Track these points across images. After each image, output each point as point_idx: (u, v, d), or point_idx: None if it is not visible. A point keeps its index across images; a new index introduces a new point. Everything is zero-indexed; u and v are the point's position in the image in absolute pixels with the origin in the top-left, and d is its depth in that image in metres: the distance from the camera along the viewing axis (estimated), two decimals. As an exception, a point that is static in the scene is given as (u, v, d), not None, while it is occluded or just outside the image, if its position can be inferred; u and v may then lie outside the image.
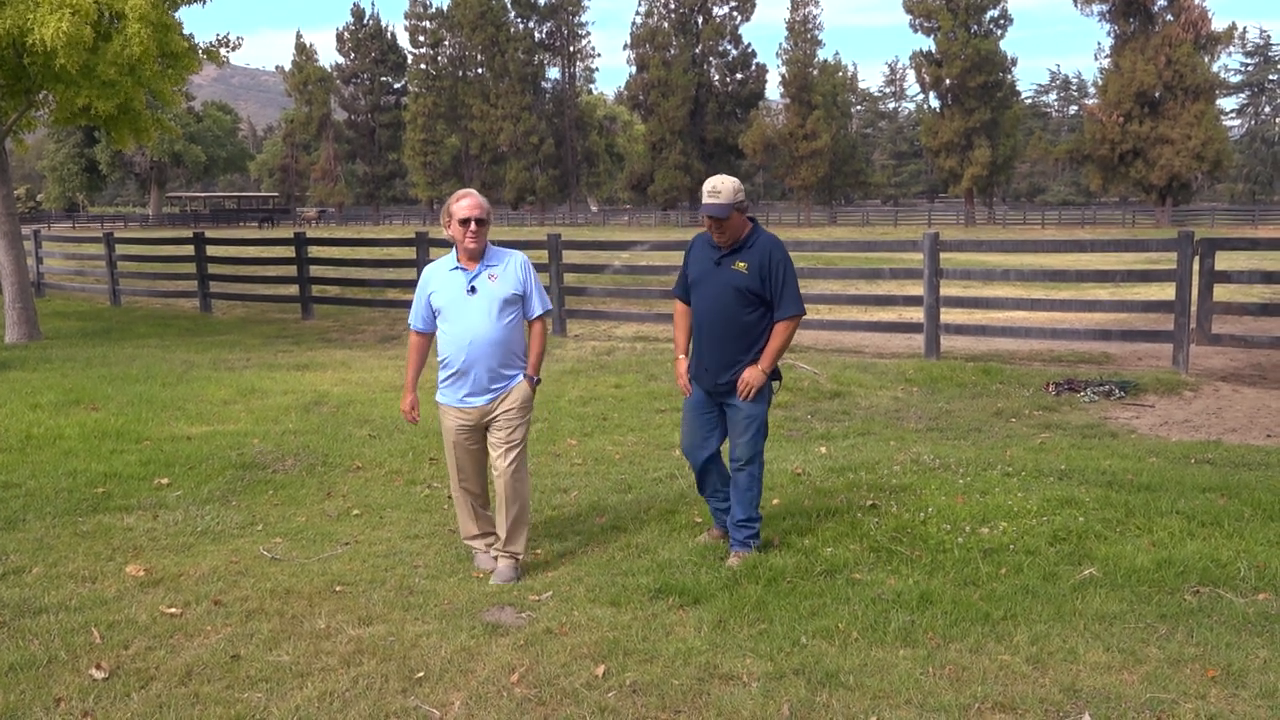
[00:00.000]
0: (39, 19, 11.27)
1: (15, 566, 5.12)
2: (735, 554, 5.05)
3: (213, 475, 6.85)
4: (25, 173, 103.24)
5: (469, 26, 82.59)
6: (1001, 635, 4.17)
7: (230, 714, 3.62)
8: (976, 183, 69.76)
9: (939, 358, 11.47)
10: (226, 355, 12.61)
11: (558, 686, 3.80)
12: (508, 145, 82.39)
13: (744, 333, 4.92)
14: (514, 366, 4.91)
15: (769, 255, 4.88)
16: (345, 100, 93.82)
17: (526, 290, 4.92)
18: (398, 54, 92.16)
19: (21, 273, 14.00)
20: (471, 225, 4.79)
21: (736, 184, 4.85)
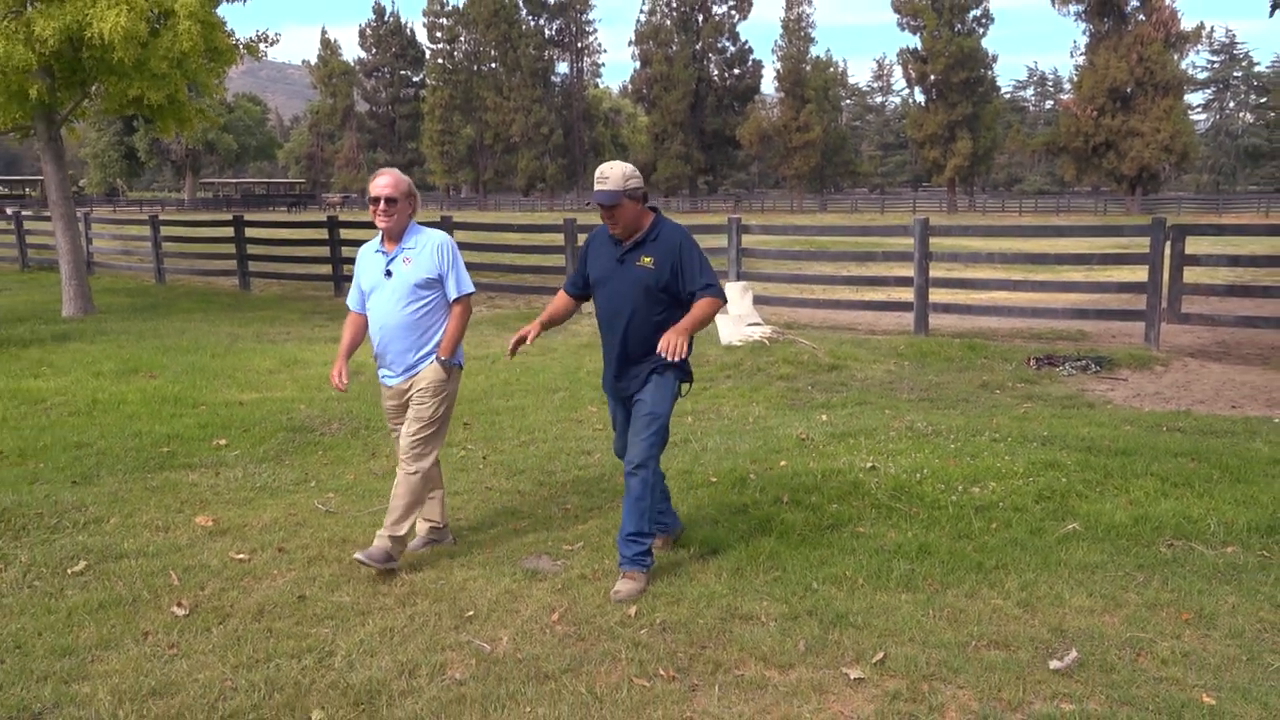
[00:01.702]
0: (98, 14, 11.31)
1: (94, 517, 5.25)
2: (627, 574, 4.23)
3: (266, 437, 6.97)
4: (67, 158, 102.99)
5: (483, 23, 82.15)
6: (994, 582, 4.30)
7: (301, 646, 3.75)
8: (958, 173, 69.64)
9: (928, 335, 11.57)
10: (267, 329, 12.72)
11: (594, 624, 3.93)
12: (519, 136, 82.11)
13: (651, 334, 4.26)
14: (430, 349, 4.55)
15: (677, 246, 4.25)
16: (367, 92, 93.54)
17: (443, 273, 4.50)
18: (416, 49, 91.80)
19: (76, 252, 14.09)
20: (381, 204, 4.40)
21: (628, 169, 4.23)
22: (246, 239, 17.84)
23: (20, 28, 11.91)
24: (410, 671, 3.55)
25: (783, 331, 11.33)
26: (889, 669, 3.52)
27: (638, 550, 4.25)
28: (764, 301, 12.80)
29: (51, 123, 13.52)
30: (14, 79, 11.88)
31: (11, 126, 13.65)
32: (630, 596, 4.12)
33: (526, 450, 6.74)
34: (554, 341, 11.46)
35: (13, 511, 5.27)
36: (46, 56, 12.13)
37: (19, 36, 11.71)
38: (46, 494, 5.60)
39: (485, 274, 15.86)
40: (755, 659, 3.62)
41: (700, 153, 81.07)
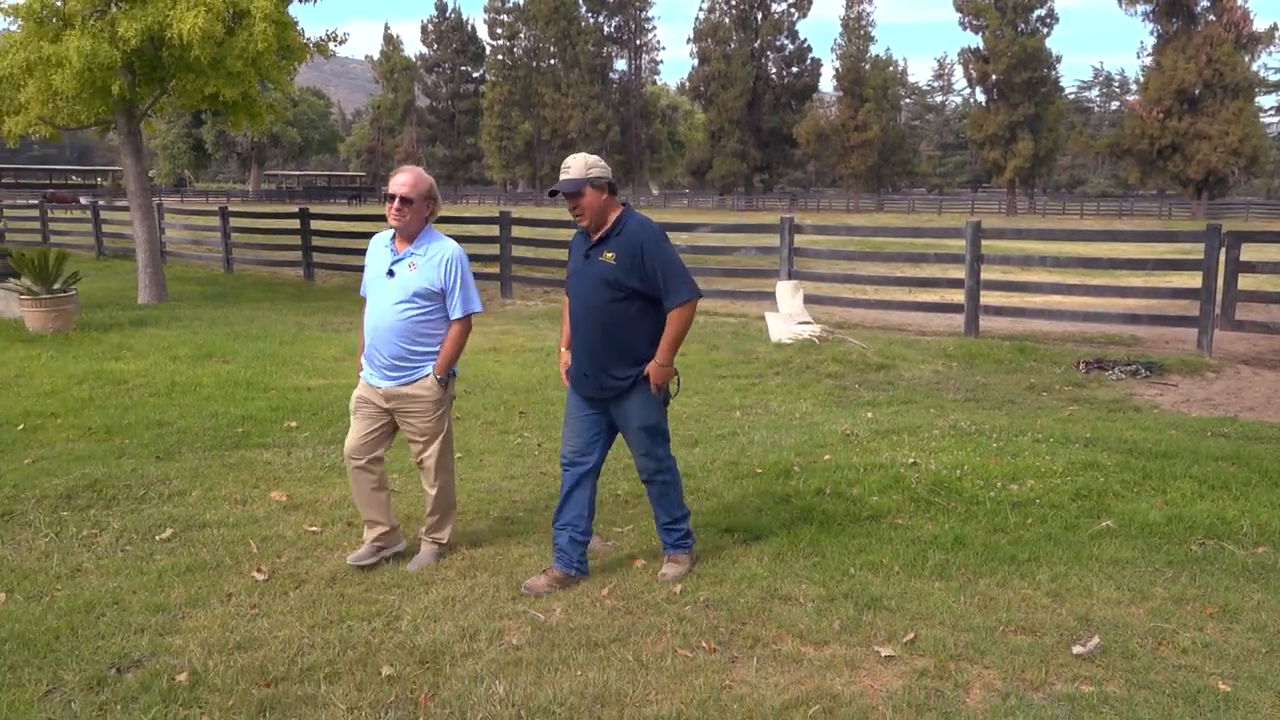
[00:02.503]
0: (178, 15, 11.82)
1: (178, 490, 5.63)
2: (671, 558, 4.44)
3: (333, 420, 7.34)
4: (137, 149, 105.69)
5: (543, 20, 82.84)
6: (1025, 573, 4.47)
7: (370, 611, 4.06)
8: (1019, 174, 68.76)
9: (977, 336, 11.65)
10: (331, 319, 13.17)
11: (642, 600, 4.19)
12: (576, 132, 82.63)
13: (617, 333, 4.18)
14: (420, 358, 4.40)
15: (639, 242, 4.11)
16: (428, 88, 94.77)
17: (447, 288, 4.35)
18: (477, 45, 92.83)
19: (153, 241, 14.69)
20: (395, 201, 4.27)
21: (591, 159, 4.14)
22: (311, 231, 18.40)
23: (105, 27, 12.48)
24: (471, 636, 3.84)
25: (832, 331, 11.49)
26: (919, 648, 3.73)
27: (678, 535, 4.45)
28: (816, 301, 12.96)
29: (131, 117, 14.11)
30: (99, 75, 12.44)
31: (94, 120, 14.27)
32: (678, 577, 4.32)
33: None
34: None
35: (103, 483, 5.67)
36: (129, 54, 12.69)
37: (104, 35, 12.27)
38: (133, 468, 6.01)
39: (541, 269, 16.20)
40: (792, 636, 3.85)
41: (757, 150, 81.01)
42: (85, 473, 5.85)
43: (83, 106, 13.40)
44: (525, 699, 3.34)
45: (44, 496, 5.45)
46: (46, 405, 7.58)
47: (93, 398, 7.89)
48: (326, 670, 3.55)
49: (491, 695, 3.37)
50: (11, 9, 12.86)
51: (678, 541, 4.45)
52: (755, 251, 14.47)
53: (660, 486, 4.42)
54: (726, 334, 11.80)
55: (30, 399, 7.79)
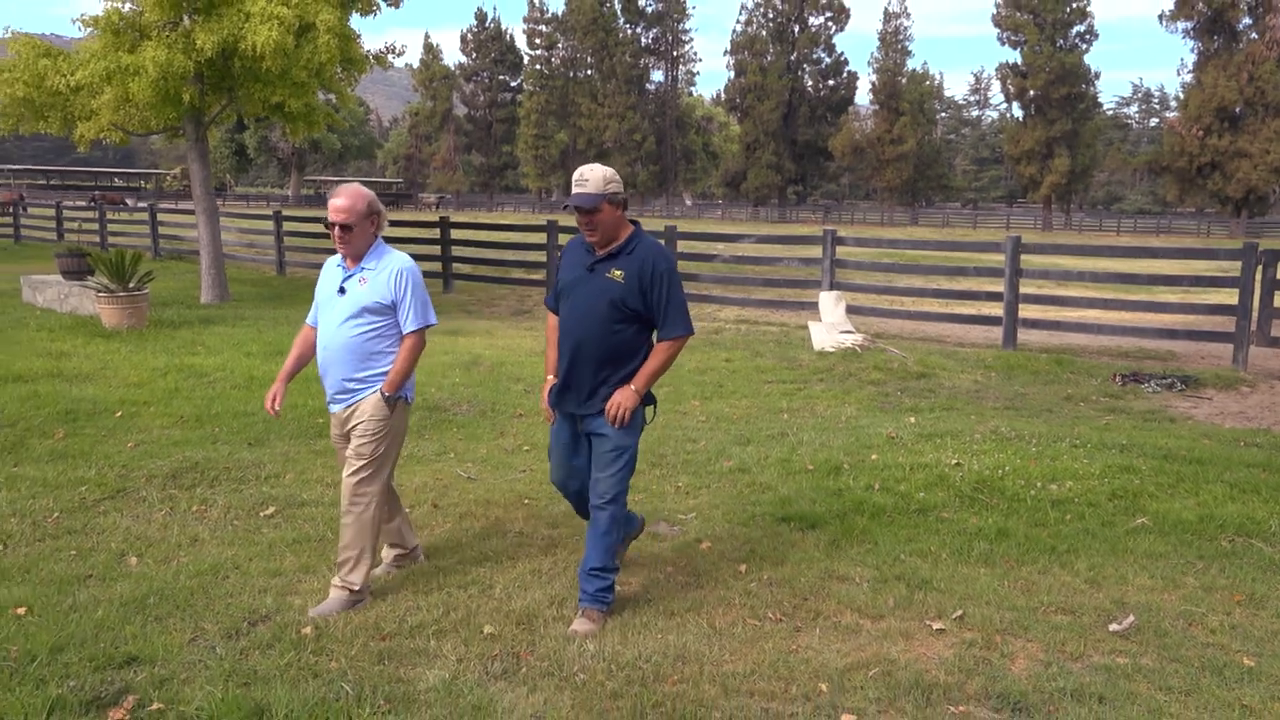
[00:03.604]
0: (251, 29, 12.40)
1: (272, 473, 6.10)
2: (585, 612, 4.05)
3: (405, 414, 7.78)
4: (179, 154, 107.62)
5: (581, 31, 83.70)
6: (1065, 563, 4.82)
7: (466, 580, 4.48)
8: (1055, 190, 68.55)
9: (1015, 349, 11.95)
10: (387, 320, 13.66)
11: (710, 576, 4.59)
12: (612, 142, 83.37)
13: (615, 353, 4.02)
14: (372, 378, 4.23)
15: (651, 265, 3.98)
16: (466, 96, 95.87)
17: (398, 299, 4.19)
18: (515, 55, 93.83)
19: (216, 243, 15.29)
20: (336, 230, 4.13)
21: (608, 173, 4.00)
22: (363, 236, 18.92)
23: (179, 38, 13.10)
24: (559, 603, 4.25)
25: (873, 340, 11.83)
26: (967, 623, 4.09)
27: (600, 586, 4.07)
28: (855, 311, 13.30)
29: (199, 124, 14.73)
30: (172, 84, 13.04)
31: (163, 127, 14.89)
32: (589, 635, 3.92)
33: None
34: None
35: (204, 465, 6.15)
36: (200, 65, 13.29)
37: (178, 46, 12.88)
38: (229, 453, 6.49)
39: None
40: (850, 610, 4.23)
41: (791, 163, 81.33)
42: (186, 456, 6.34)
43: (154, 114, 14.01)
44: (614, 655, 3.75)
45: (153, 476, 5.94)
46: (138, 395, 8.10)
47: (179, 389, 8.40)
48: (434, 628, 3.97)
49: (584, 652, 3.78)
50: (90, 20, 13.50)
51: (598, 593, 4.07)
52: (798, 263, 14.83)
53: (610, 514, 4.07)
54: (770, 342, 12.18)
55: (121, 389, 8.32)
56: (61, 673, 3.46)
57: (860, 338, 11.64)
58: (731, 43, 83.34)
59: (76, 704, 3.25)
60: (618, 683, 3.54)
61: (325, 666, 3.62)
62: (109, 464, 6.16)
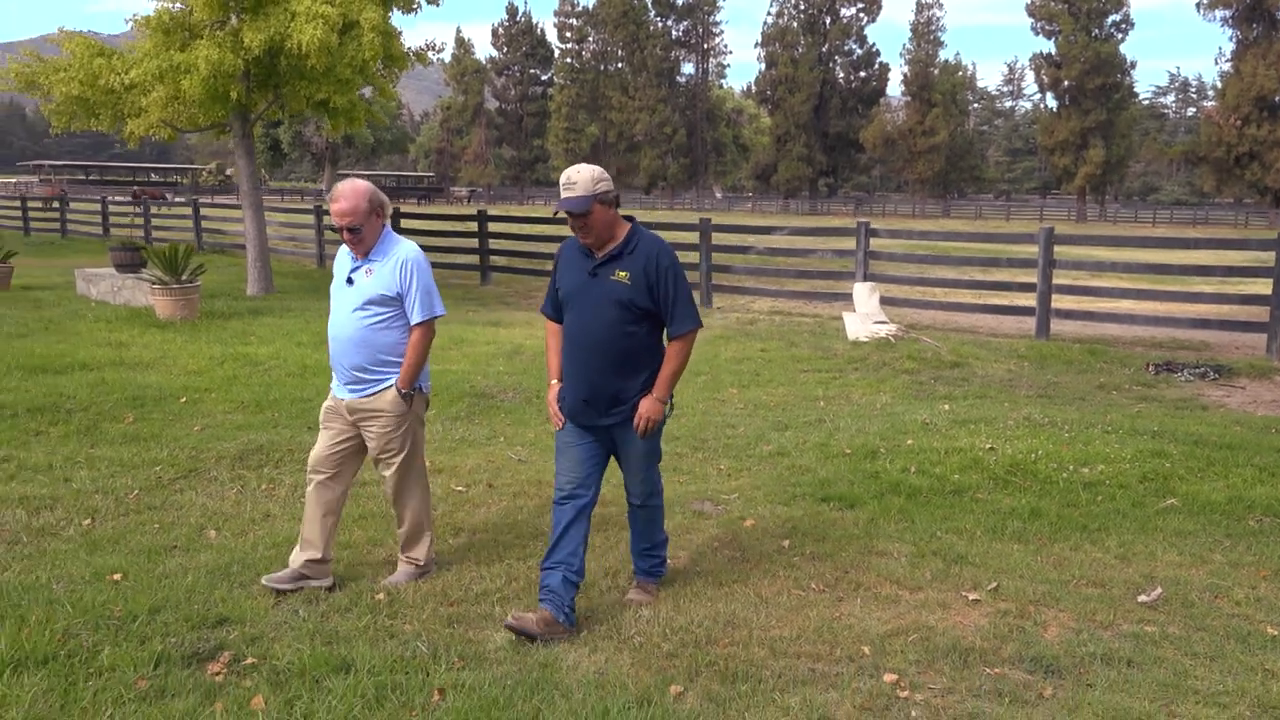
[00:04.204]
0: (297, 27, 12.74)
1: (333, 455, 6.40)
2: (641, 585, 4.29)
3: (455, 401, 8.09)
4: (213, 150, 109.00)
5: (612, 24, 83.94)
6: (1095, 540, 5.02)
7: (524, 553, 4.75)
8: (1090, 181, 67.97)
9: (1048, 339, 12.06)
10: (428, 312, 14.00)
11: (755, 551, 4.83)
12: (643, 134, 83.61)
13: (628, 358, 3.94)
14: (383, 369, 4.22)
15: (655, 261, 3.90)
16: (497, 90, 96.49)
17: (403, 292, 4.18)
18: (546, 48, 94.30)
19: (262, 237, 15.69)
20: (345, 234, 4.15)
21: (596, 173, 3.87)
22: (401, 230, 19.32)
23: (228, 37, 13.47)
24: (612, 574, 4.51)
25: (907, 330, 12.00)
26: (1001, 594, 4.31)
27: (654, 562, 4.34)
28: (889, 302, 13.45)
29: (245, 121, 15.13)
30: (221, 82, 13.41)
31: (211, 124, 15.30)
32: (646, 602, 4.18)
33: (678, 422, 7.67)
34: (690, 332, 12.41)
35: (268, 447, 6.47)
36: (248, 63, 13.66)
37: (227, 45, 13.25)
38: (290, 436, 6.81)
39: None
40: (890, 582, 4.46)
41: (822, 155, 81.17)
42: (250, 439, 6.67)
43: (202, 111, 14.40)
44: (668, 620, 4.00)
45: (221, 457, 6.26)
46: (198, 382, 8.45)
47: (236, 376, 8.75)
48: (497, 596, 4.24)
49: (639, 617, 4.03)
50: (142, 20, 13.91)
51: (653, 568, 4.34)
52: (832, 255, 15.00)
53: (652, 510, 4.25)
54: (804, 332, 12.38)
55: (182, 377, 8.68)
56: (162, 631, 3.76)
57: (894, 328, 11.81)
58: (762, 35, 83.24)
59: (179, 658, 3.55)
60: (673, 645, 3.79)
61: (400, 628, 3.90)
62: (179, 446, 6.50)
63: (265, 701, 3.27)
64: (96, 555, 4.57)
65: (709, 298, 15.17)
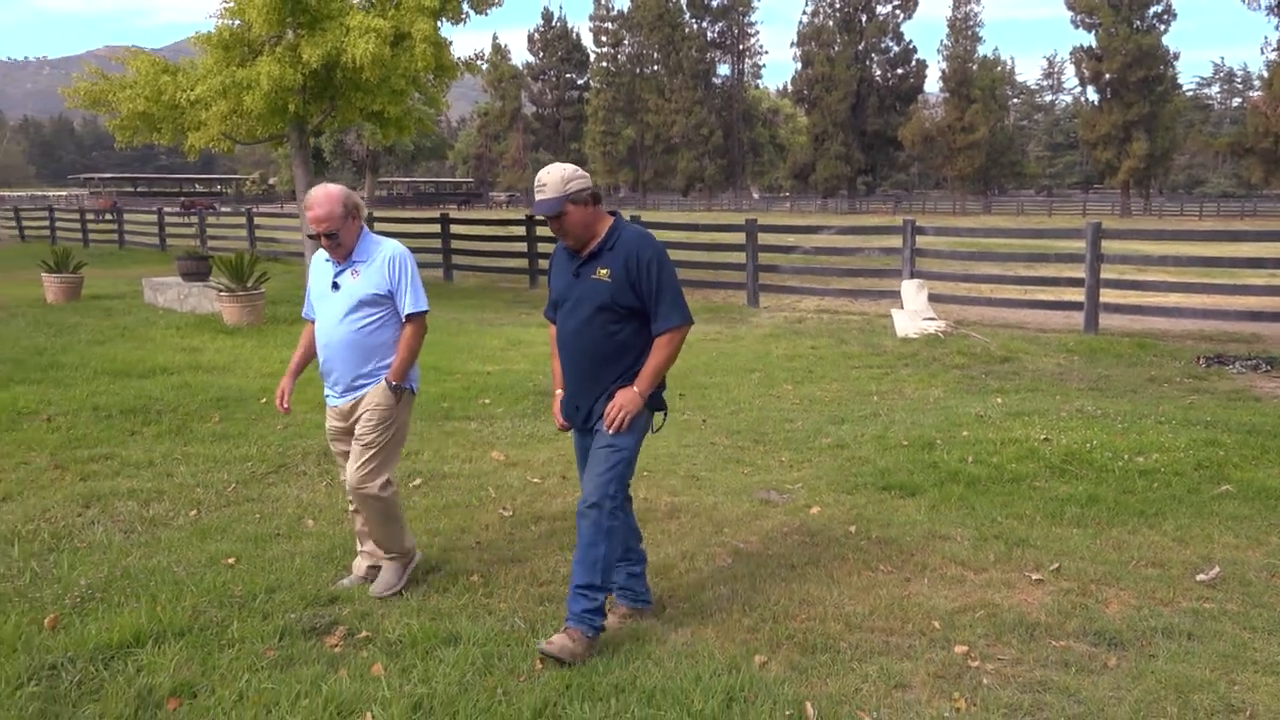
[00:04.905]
0: (351, 42, 13.16)
1: (411, 450, 6.72)
2: (565, 631, 3.66)
3: (520, 399, 8.39)
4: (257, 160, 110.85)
5: (647, 27, 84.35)
6: (1153, 525, 5.20)
7: (603, 539, 5.02)
8: (1133, 175, 67.20)
9: (1097, 333, 12.15)
10: (482, 315, 14.36)
11: (823, 535, 5.07)
12: (679, 137, 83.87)
13: (615, 359, 3.78)
14: (379, 372, 4.20)
15: (635, 256, 3.71)
16: (534, 95, 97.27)
17: (393, 289, 4.14)
18: (582, 53, 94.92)
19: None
20: (323, 240, 4.08)
21: (568, 171, 3.72)
22: (451, 235, 19.75)
23: (286, 52, 13.93)
24: (689, 557, 4.77)
25: (955, 326, 12.14)
26: (1063, 575, 4.51)
27: (586, 607, 3.66)
28: (935, 299, 13.59)
29: (302, 132, 15.60)
30: (281, 96, 13.86)
31: (268, 136, 15.79)
32: (562, 653, 3.57)
33: (737, 417, 7.92)
34: (740, 331, 12.66)
35: (349, 444, 6.79)
36: (306, 76, 14.11)
37: (286, 60, 13.70)
38: (368, 433, 7.13)
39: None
40: (955, 564, 4.67)
41: (860, 153, 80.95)
42: (331, 436, 6.99)
43: (261, 124, 14.89)
44: (746, 598, 4.25)
45: (307, 453, 6.61)
46: (273, 384, 8.80)
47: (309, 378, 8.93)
48: (582, 577, 4.51)
49: (719, 596, 4.29)
50: (204, 38, 14.41)
51: (583, 614, 3.66)
52: (879, 252, 15.16)
53: (594, 521, 3.67)
54: (853, 330, 12.56)
55: (258, 379, 9.07)
56: (280, 608, 4.07)
57: (943, 324, 11.96)
58: (798, 34, 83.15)
59: (300, 631, 3.86)
60: (752, 620, 4.04)
61: (496, 606, 4.18)
62: (265, 443, 6.85)
63: (384, 669, 3.56)
64: (208, 542, 4.91)
65: (755, 298, 15.39)
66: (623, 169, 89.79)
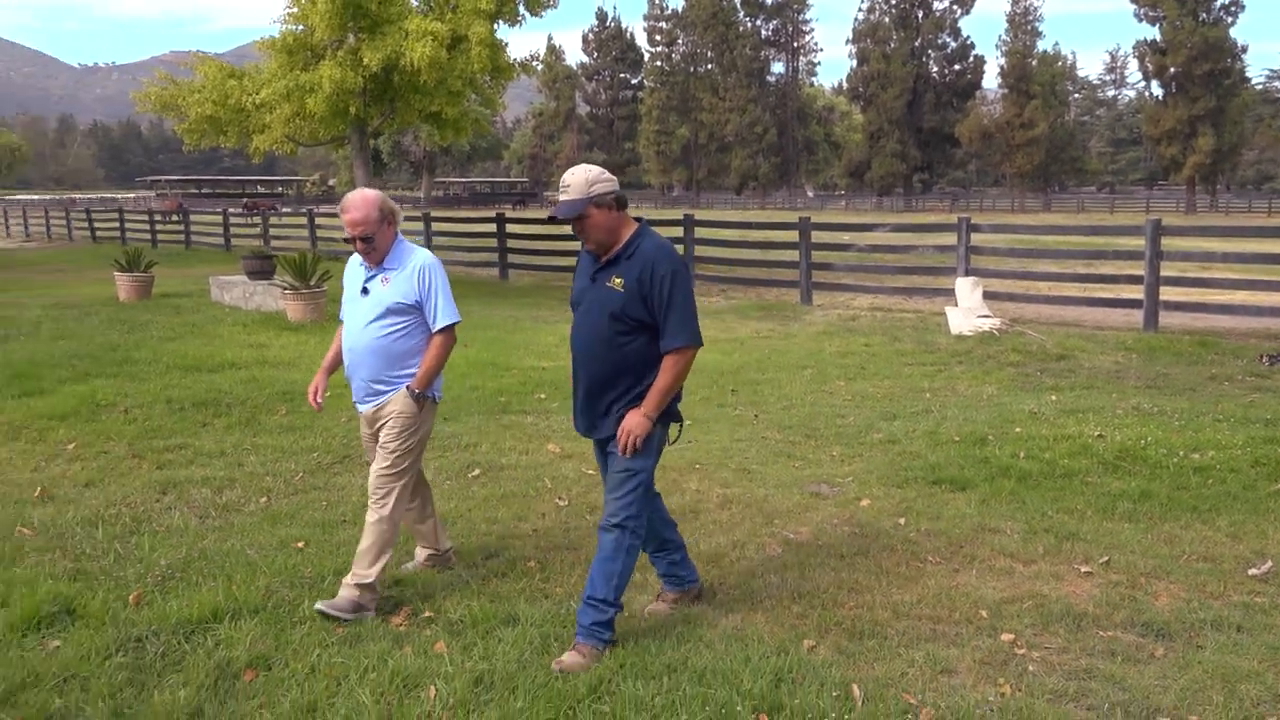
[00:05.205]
0: (409, 45, 13.46)
1: (469, 443, 6.92)
2: (576, 647, 3.64)
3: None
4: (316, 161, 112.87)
5: (701, 26, 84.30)
6: (1206, 520, 5.19)
7: (656, 528, 5.15)
8: (1199, 171, 65.61)
9: (1156, 331, 11.99)
10: (536, 312, 14.58)
11: (873, 527, 5.14)
12: (733, 135, 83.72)
13: (622, 371, 3.68)
14: (401, 379, 4.16)
15: (650, 268, 3.59)
16: (588, 95, 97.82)
17: (422, 299, 4.10)
18: (636, 52, 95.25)
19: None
20: (358, 243, 4.08)
21: (593, 174, 3.64)
22: (507, 234, 20.02)
23: (347, 56, 14.27)
24: (740, 546, 4.88)
25: (1010, 324, 12.07)
26: (1113, 568, 4.54)
27: (596, 620, 3.65)
28: (990, 297, 13.50)
29: (363, 134, 15.96)
30: (341, 99, 14.21)
31: (330, 138, 16.18)
32: (573, 669, 3.53)
33: (789, 413, 8.00)
34: (793, 329, 12.71)
35: (410, 436, 7.01)
36: (367, 80, 14.45)
37: (348, 64, 14.04)
38: (428, 426, 7.34)
39: (716, 267, 17.28)
40: (1003, 556, 4.73)
41: (916, 150, 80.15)
42: (392, 428, 7.21)
43: (324, 126, 15.27)
44: (795, 586, 4.35)
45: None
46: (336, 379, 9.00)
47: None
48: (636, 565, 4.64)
49: (769, 583, 4.40)
50: (268, 42, 14.82)
51: (593, 627, 3.65)
52: (933, 250, 15.09)
53: (615, 539, 3.71)
54: (907, 327, 12.54)
55: (321, 374, 9.34)
56: (347, 589, 4.26)
57: (998, 321, 11.90)
58: (853, 31, 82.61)
59: (366, 611, 4.05)
60: (801, 607, 4.15)
61: (552, 590, 4.34)
62: (330, 435, 7.10)
63: (446, 646, 3.73)
64: (278, 527, 5.13)
65: (809, 295, 15.41)
66: (676, 168, 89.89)
